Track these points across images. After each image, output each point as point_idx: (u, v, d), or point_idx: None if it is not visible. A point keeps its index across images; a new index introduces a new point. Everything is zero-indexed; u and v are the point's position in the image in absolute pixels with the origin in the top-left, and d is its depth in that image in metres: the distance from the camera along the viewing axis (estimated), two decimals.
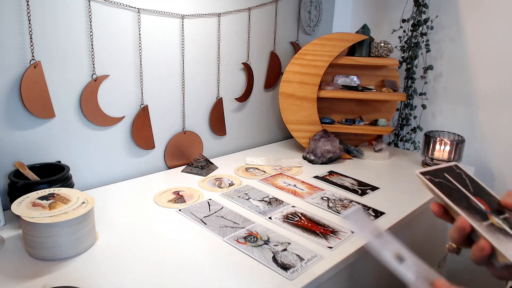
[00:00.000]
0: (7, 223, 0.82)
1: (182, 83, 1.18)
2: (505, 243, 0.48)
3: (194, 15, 1.15)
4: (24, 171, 0.83)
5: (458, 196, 0.55)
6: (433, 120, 1.53)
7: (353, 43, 1.30)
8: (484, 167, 1.41)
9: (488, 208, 0.54)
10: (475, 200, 0.55)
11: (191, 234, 0.81)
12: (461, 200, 0.54)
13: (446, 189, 0.56)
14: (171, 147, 1.19)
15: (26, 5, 0.84)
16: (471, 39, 1.39)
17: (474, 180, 0.58)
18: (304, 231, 0.83)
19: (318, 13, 1.57)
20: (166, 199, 0.97)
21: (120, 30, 1.00)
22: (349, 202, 1.00)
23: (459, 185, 0.57)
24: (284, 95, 1.34)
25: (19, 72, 0.86)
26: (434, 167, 0.59)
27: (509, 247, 0.48)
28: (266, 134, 1.53)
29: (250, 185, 1.08)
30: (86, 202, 0.74)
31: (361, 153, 1.35)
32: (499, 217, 0.52)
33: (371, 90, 1.35)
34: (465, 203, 0.54)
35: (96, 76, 0.98)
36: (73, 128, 0.98)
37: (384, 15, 1.61)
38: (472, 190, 0.56)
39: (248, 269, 0.69)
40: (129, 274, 0.67)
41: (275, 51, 1.44)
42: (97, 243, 0.76)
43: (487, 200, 0.55)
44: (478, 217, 0.52)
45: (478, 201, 0.55)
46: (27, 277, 0.65)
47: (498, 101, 1.36)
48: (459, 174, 0.59)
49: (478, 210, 0.53)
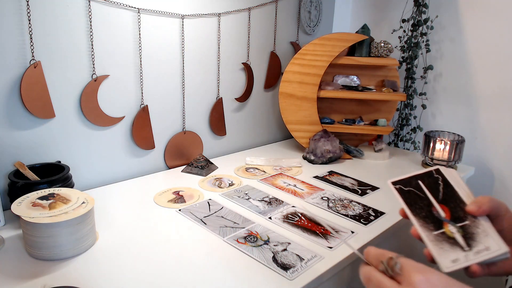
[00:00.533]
0: (7, 223, 0.82)
1: (182, 83, 1.18)
2: (446, 253, 0.51)
3: (194, 15, 1.15)
4: (24, 171, 0.83)
5: (420, 205, 0.58)
6: (433, 120, 1.53)
7: (353, 43, 1.30)
8: (484, 167, 1.41)
9: (449, 215, 0.55)
10: (438, 208, 0.57)
11: (191, 234, 0.81)
12: (422, 209, 0.57)
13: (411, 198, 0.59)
14: (171, 147, 1.19)
15: (26, 5, 0.84)
16: (471, 39, 1.39)
17: (449, 184, 0.59)
18: (304, 231, 0.83)
19: (318, 13, 1.57)
20: (166, 199, 0.97)
21: (120, 30, 1.00)
22: (349, 202, 0.99)
23: (428, 192, 0.59)
24: (284, 95, 1.34)
25: (19, 72, 0.86)
26: (410, 174, 0.61)
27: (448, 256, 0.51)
28: (266, 134, 1.53)
29: (250, 185, 1.08)
30: (86, 202, 0.74)
31: (361, 153, 1.35)
32: (456, 225, 0.54)
33: (371, 90, 1.35)
34: (424, 212, 0.57)
35: (96, 76, 0.98)
36: (73, 128, 0.98)
37: (384, 15, 1.61)
38: (441, 197, 0.58)
39: (248, 269, 0.69)
40: (129, 274, 0.67)
41: (275, 51, 1.44)
42: (97, 243, 0.76)
43: (452, 207, 0.56)
44: (432, 226, 0.55)
45: (442, 208, 0.56)
46: (27, 277, 0.65)
47: (498, 101, 1.36)
48: (435, 179, 0.60)
49: (435, 218, 0.56)
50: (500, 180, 1.39)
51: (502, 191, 1.39)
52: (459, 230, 0.53)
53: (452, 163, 1.24)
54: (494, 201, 0.53)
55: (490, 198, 0.54)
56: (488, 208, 0.53)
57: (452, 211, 0.56)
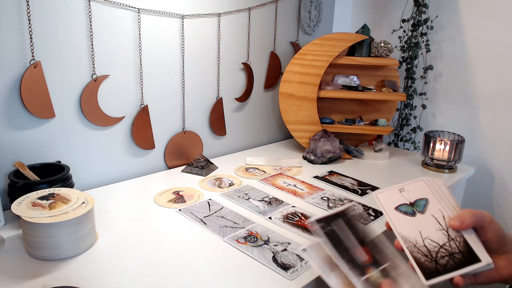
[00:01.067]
0: (7, 223, 0.82)
1: (182, 83, 1.18)
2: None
3: (194, 15, 1.15)
4: (24, 171, 0.83)
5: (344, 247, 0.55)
6: (433, 120, 1.53)
7: (353, 43, 1.30)
8: (484, 167, 1.41)
9: (370, 258, 0.54)
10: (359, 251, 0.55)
11: (191, 234, 0.81)
12: (346, 252, 0.55)
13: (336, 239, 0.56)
14: (171, 147, 1.19)
15: (26, 5, 0.84)
16: (471, 39, 1.39)
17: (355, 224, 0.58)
18: (304, 231, 0.83)
19: (318, 13, 1.57)
20: (166, 199, 0.97)
21: (120, 30, 1.00)
22: (349, 202, 0.99)
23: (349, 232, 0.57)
24: (284, 95, 1.34)
25: (19, 72, 0.86)
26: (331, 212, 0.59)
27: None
28: (266, 134, 1.53)
29: (250, 185, 1.08)
30: (86, 202, 0.74)
31: (361, 153, 1.35)
32: (378, 269, 0.53)
33: (371, 90, 1.35)
34: (348, 255, 0.55)
35: (96, 76, 0.98)
36: (73, 128, 0.98)
37: (384, 15, 1.61)
38: (361, 237, 0.57)
39: (248, 269, 0.69)
40: (129, 274, 0.67)
41: (275, 51, 1.44)
42: (97, 243, 0.76)
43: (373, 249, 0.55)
44: (359, 271, 0.53)
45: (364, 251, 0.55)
46: (27, 277, 0.65)
47: (498, 101, 1.36)
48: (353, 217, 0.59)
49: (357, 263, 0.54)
50: (500, 180, 1.39)
51: (502, 191, 1.39)
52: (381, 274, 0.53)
53: (452, 163, 1.24)
54: (476, 215, 0.53)
55: (473, 213, 0.53)
56: (471, 223, 0.52)
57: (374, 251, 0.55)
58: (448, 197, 0.57)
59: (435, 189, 0.58)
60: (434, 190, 0.58)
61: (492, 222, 0.53)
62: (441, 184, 0.59)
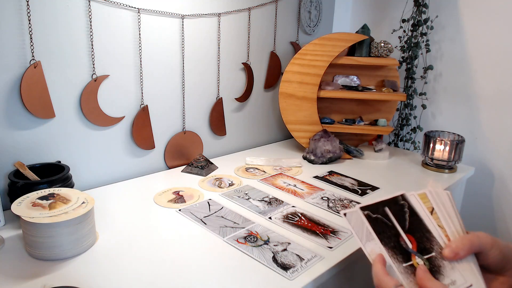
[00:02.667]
0: (7, 223, 0.82)
1: (182, 83, 1.18)
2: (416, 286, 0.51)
3: (194, 15, 1.15)
4: (24, 171, 0.83)
5: (388, 234, 0.55)
6: (433, 120, 1.53)
7: (353, 43, 1.30)
8: (484, 167, 1.41)
9: (416, 247, 0.54)
10: (405, 239, 0.55)
11: (191, 234, 0.81)
12: (390, 238, 0.55)
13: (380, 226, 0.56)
14: (171, 147, 1.19)
15: (26, 5, 0.84)
16: (471, 39, 1.39)
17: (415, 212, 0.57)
18: (304, 231, 0.83)
19: (318, 13, 1.57)
20: (166, 199, 0.97)
21: (120, 30, 1.00)
22: (349, 202, 0.99)
23: (395, 220, 0.56)
24: (284, 95, 1.34)
25: (19, 72, 0.86)
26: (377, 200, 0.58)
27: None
28: (266, 134, 1.53)
29: (250, 185, 1.08)
30: (86, 202, 0.74)
31: (361, 153, 1.35)
32: (423, 257, 0.53)
33: (371, 90, 1.35)
34: (393, 242, 0.55)
35: (96, 76, 0.98)
36: (73, 128, 0.98)
37: (384, 15, 1.61)
38: (408, 226, 0.56)
39: (248, 269, 0.69)
40: (129, 274, 0.67)
41: (275, 51, 1.44)
42: (97, 243, 0.76)
43: (418, 237, 0.55)
44: (401, 258, 0.53)
45: (409, 238, 0.55)
46: (27, 277, 0.65)
47: (498, 101, 1.36)
48: (401, 206, 0.58)
49: (403, 250, 0.54)
50: (500, 180, 1.39)
51: (502, 191, 1.39)
52: (425, 263, 0.52)
53: (452, 163, 1.24)
54: (474, 244, 0.50)
55: (471, 242, 0.50)
56: (466, 255, 0.50)
57: (418, 241, 0.54)
58: (451, 214, 0.56)
59: (437, 203, 0.57)
60: (436, 205, 0.57)
61: (493, 246, 0.50)
62: (446, 198, 0.57)
